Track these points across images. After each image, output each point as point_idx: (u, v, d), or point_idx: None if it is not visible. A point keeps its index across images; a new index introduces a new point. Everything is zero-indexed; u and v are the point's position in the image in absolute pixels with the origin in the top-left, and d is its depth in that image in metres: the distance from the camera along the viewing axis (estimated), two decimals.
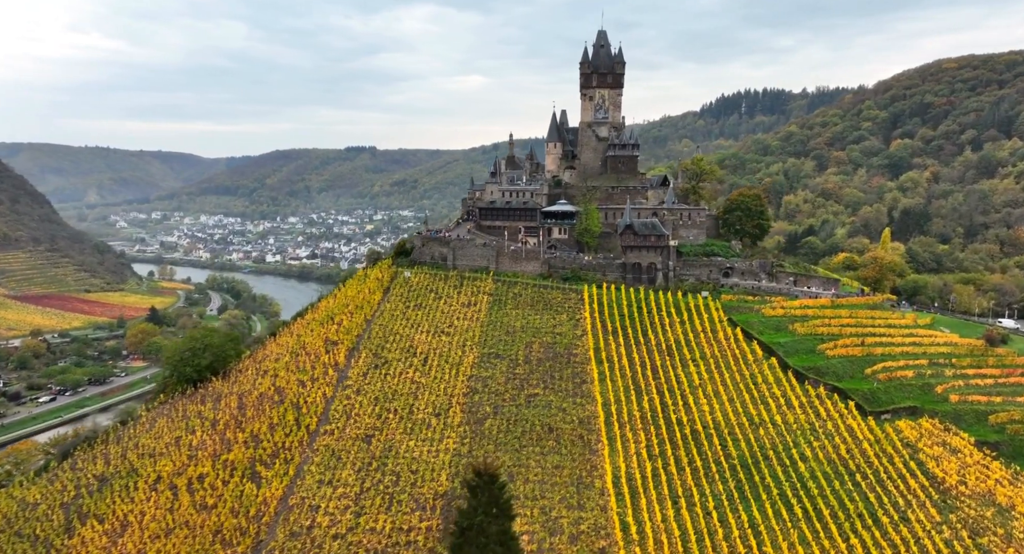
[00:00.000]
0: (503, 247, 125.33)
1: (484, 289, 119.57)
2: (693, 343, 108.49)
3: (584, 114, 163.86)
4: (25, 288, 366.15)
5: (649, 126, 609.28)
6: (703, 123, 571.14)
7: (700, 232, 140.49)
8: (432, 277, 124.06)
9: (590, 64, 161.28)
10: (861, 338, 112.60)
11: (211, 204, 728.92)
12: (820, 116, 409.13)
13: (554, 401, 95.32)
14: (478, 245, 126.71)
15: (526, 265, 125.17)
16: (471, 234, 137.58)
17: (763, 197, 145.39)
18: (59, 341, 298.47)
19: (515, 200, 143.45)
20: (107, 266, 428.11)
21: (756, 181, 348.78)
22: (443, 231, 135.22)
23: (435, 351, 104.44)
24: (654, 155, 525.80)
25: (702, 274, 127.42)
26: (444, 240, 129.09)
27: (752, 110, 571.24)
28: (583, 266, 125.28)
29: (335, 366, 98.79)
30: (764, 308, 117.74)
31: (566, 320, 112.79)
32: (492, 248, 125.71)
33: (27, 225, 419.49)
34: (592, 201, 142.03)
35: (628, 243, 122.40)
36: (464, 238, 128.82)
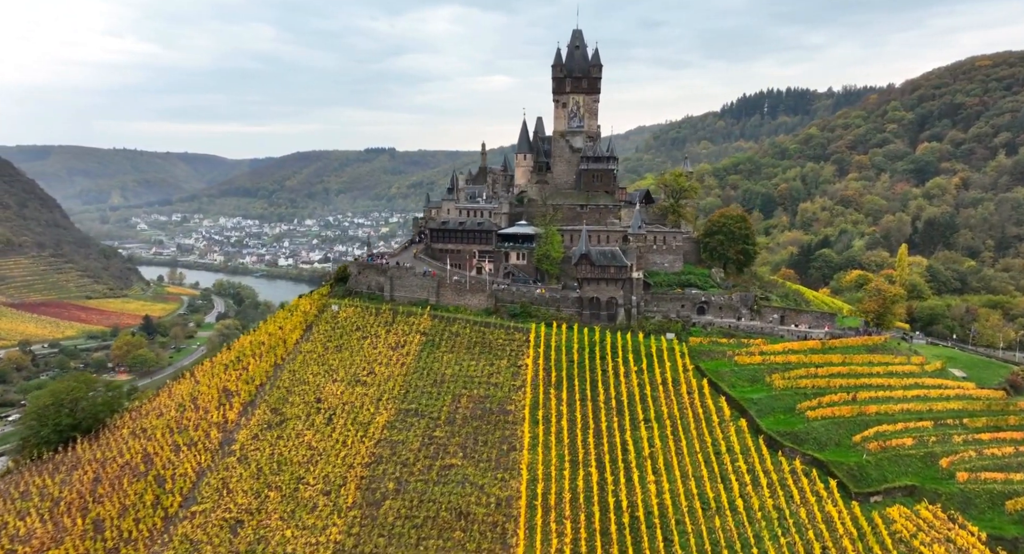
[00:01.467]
0: (445, 278, 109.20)
1: (418, 327, 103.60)
2: (649, 399, 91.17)
3: (557, 122, 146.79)
4: (25, 295, 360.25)
5: (668, 127, 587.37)
6: (723, 124, 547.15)
7: (676, 258, 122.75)
8: (363, 311, 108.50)
9: (563, 67, 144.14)
10: (853, 392, 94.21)
11: (231, 206, 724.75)
12: (842, 118, 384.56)
13: (472, 475, 79.06)
14: (417, 274, 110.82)
15: (471, 298, 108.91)
16: (418, 259, 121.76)
17: (748, 219, 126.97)
18: (47, 352, 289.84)
19: (470, 221, 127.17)
20: (112, 271, 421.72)
21: (772, 187, 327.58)
22: (384, 256, 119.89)
23: (345, 406, 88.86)
24: (671, 157, 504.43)
25: (672, 310, 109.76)
26: (381, 268, 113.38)
27: (775, 110, 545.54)
28: (535, 300, 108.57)
29: (222, 425, 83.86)
30: (739, 354, 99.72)
31: (505, 367, 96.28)
32: (433, 278, 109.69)
33: (33, 230, 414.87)
34: (556, 221, 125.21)
35: (584, 275, 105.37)
36: (403, 266, 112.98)
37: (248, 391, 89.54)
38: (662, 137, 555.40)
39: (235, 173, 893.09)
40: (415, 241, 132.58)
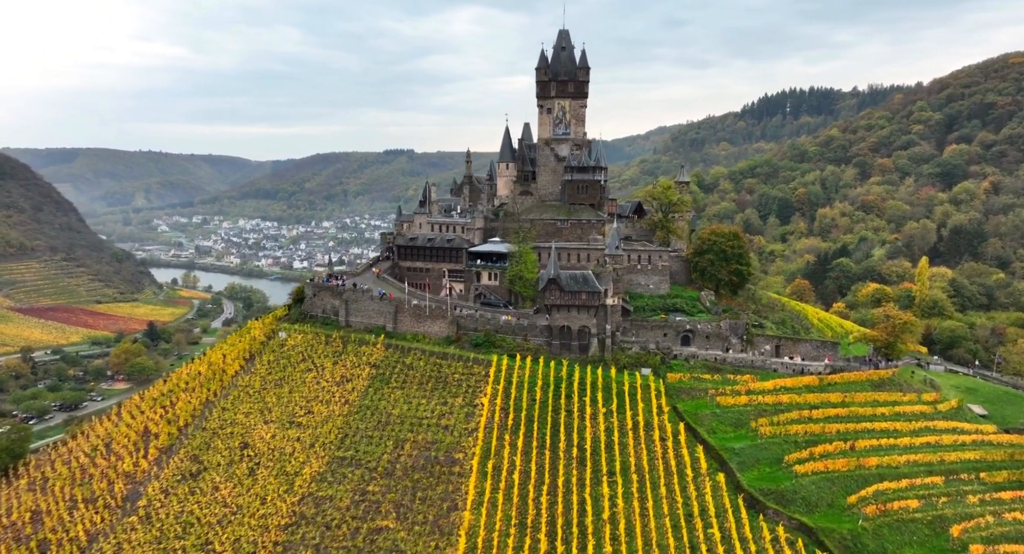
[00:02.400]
0: (403, 302, 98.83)
1: (369, 358, 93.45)
2: (617, 446, 79.94)
3: (541, 129, 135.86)
4: (34, 299, 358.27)
5: (687, 128, 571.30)
6: (743, 125, 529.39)
7: (662, 280, 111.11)
8: (314, 339, 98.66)
9: (548, 69, 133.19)
10: (851, 440, 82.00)
11: (250, 208, 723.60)
12: (865, 119, 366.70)
13: (404, 541, 68.64)
14: (374, 298, 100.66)
15: (431, 325, 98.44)
16: (381, 279, 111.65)
17: (742, 236, 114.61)
18: (48, 358, 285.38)
19: (439, 237, 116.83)
20: (123, 275, 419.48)
21: (789, 191, 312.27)
22: (342, 277, 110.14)
23: (274, 453, 79.06)
24: (689, 159, 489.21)
25: (653, 339, 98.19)
26: (336, 290, 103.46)
27: (797, 111, 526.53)
28: (500, 328, 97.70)
29: (131, 476, 74.56)
30: (722, 394, 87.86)
31: (460, 407, 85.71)
32: (390, 302, 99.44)
33: (47, 234, 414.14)
34: (531, 238, 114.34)
35: (553, 301, 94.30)
36: (360, 288, 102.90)
37: (169, 433, 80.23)
38: (680, 138, 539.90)
39: (257, 175, 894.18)
40: (383, 258, 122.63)
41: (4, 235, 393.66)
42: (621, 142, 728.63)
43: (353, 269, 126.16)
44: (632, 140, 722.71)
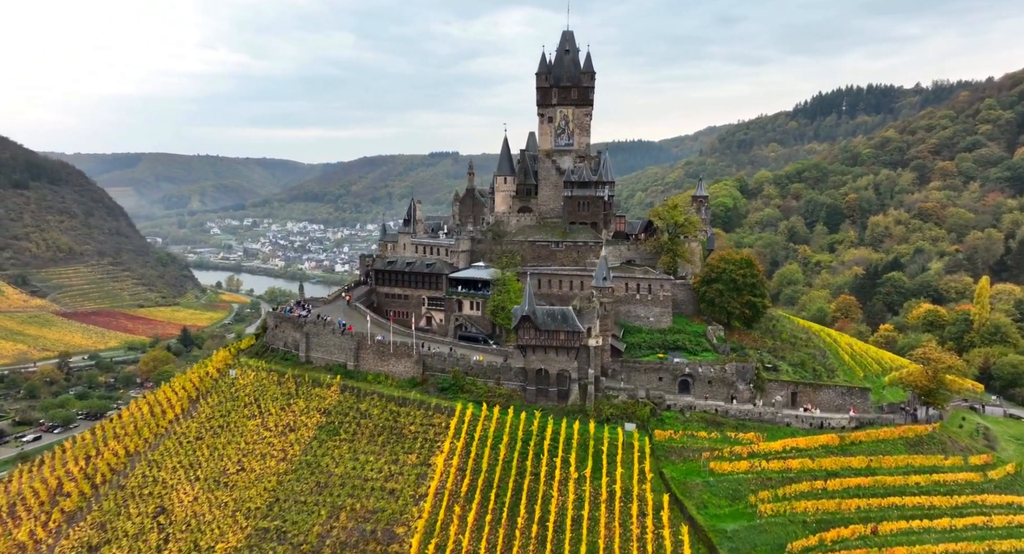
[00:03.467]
0: (365, 337, 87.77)
1: (322, 403, 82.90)
2: (586, 523, 66.97)
3: (542, 140, 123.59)
4: (79, 304, 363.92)
5: (735, 128, 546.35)
6: (795, 125, 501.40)
7: (664, 312, 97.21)
8: (267, 377, 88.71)
9: (549, 75, 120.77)
10: (874, 521, 67.17)
11: (299, 210, 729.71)
12: (926, 118, 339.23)
13: None
14: (336, 332, 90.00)
15: (395, 364, 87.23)
16: (352, 307, 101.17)
17: (756, 263, 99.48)
18: (84, 364, 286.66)
19: (419, 261, 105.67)
20: (167, 279, 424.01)
21: (839, 197, 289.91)
22: (308, 306, 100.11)
23: (192, 521, 69.15)
24: (736, 161, 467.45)
25: (644, 385, 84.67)
26: (298, 322, 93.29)
27: (853, 109, 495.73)
28: (471, 369, 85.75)
29: (22, 549, 65.68)
30: (718, 458, 73.80)
31: (412, 466, 74.23)
32: (352, 336, 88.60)
33: (96, 238, 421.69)
34: (515, 264, 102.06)
35: (528, 341, 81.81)
36: (323, 320, 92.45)
37: (82, 492, 71.33)
38: (728, 139, 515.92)
39: (307, 178, 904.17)
40: (361, 282, 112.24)
41: (55, 240, 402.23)
42: (669, 143, 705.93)
43: (324, 297, 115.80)
44: (680, 141, 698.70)
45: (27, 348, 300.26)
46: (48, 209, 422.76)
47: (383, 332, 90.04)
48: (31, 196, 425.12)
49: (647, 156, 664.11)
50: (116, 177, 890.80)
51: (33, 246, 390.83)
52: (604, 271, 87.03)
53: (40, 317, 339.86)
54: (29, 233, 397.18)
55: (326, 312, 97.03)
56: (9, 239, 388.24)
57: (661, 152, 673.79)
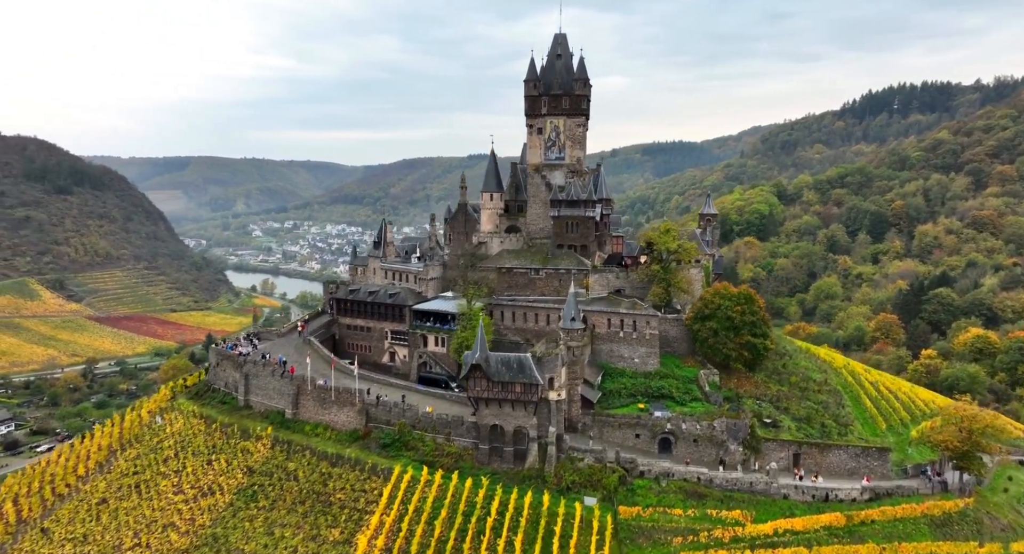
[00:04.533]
0: (305, 383, 77.82)
1: (248, 460, 73.23)
2: None
3: (531, 153, 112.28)
4: (113, 308, 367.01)
5: (778, 128, 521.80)
6: (843, 125, 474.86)
7: (650, 353, 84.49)
8: (196, 425, 79.52)
9: (538, 82, 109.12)
10: None
11: (338, 213, 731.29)
12: (984, 118, 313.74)
13: None
14: (276, 375, 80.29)
15: (336, 413, 77.01)
16: (307, 342, 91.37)
17: (757, 298, 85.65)
18: (109, 370, 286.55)
19: (383, 290, 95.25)
20: (200, 283, 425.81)
21: (885, 204, 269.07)
22: (254, 340, 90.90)
23: None
24: (778, 163, 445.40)
25: (617, 444, 72.48)
26: (237, 360, 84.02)
27: (906, 108, 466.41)
28: (419, 422, 74.91)
29: None
30: (691, 548, 61.11)
31: (333, 544, 63.60)
32: (291, 379, 78.73)
33: (133, 243, 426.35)
34: (484, 293, 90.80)
35: (480, 394, 70.53)
36: (266, 359, 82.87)
37: None
38: (770, 140, 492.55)
39: (349, 180, 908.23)
40: (323, 312, 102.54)
41: (94, 245, 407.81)
42: (711, 143, 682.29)
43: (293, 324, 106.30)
44: (722, 141, 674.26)
45: (57, 353, 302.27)
46: (89, 214, 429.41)
47: (336, 372, 79.89)
48: (74, 201, 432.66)
49: (688, 157, 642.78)
50: (167, 180, 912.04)
51: (72, 251, 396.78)
52: (572, 309, 75.06)
53: (73, 322, 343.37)
54: (69, 238, 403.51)
55: (275, 348, 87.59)
56: (50, 244, 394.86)
57: (702, 153, 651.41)
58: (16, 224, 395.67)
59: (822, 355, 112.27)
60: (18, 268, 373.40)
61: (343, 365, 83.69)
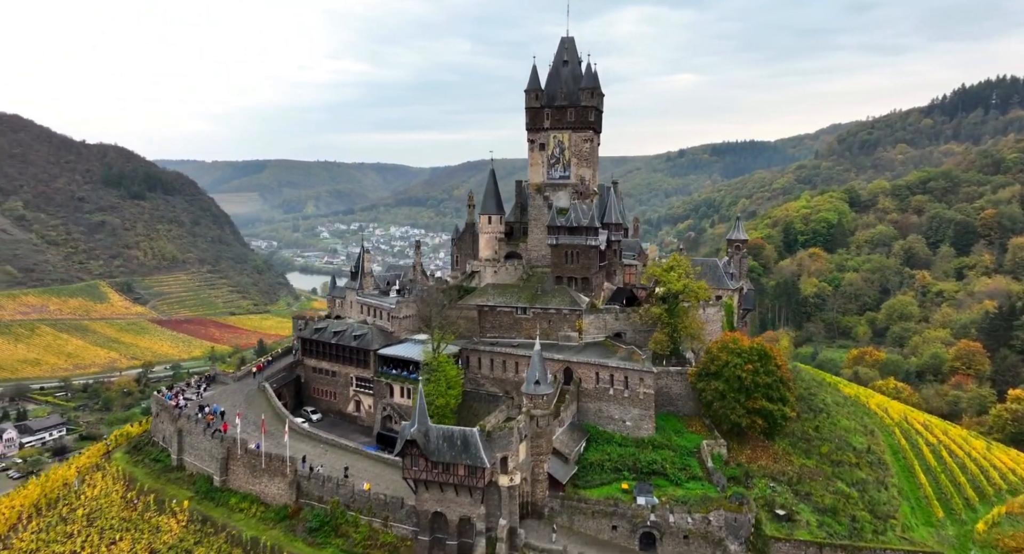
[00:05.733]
0: (235, 445, 67.63)
1: (156, 541, 63.46)
2: None
3: (533, 172, 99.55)
4: (175, 311, 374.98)
5: (857, 127, 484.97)
6: (930, 122, 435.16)
7: (644, 416, 70.17)
8: (118, 490, 70.37)
9: (541, 92, 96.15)
10: None
11: (403, 215, 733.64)
12: None
13: None
14: (207, 433, 70.50)
15: (267, 484, 66.48)
16: (260, 388, 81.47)
17: (775, 354, 69.53)
18: (164, 374, 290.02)
19: (348, 330, 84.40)
20: (261, 286, 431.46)
21: (973, 212, 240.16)
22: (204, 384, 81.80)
23: None
24: (856, 165, 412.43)
25: (588, 538, 58.92)
26: (174, 413, 74.76)
27: (1005, 104, 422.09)
28: (354, 501, 63.37)
29: None
30: None
31: None
32: (223, 438, 68.79)
33: (199, 246, 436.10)
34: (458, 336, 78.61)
35: (418, 474, 58.54)
36: (204, 413, 73.42)
37: None
38: (848, 140, 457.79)
39: (415, 181, 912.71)
40: (289, 351, 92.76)
41: (161, 248, 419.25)
42: (785, 143, 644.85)
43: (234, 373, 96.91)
44: (798, 140, 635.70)
45: (118, 356, 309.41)
46: (160, 218, 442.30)
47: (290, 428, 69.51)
48: (146, 206, 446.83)
49: (759, 158, 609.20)
50: (245, 183, 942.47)
51: (141, 254, 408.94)
52: (537, 370, 61.86)
53: (137, 324, 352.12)
54: (139, 242, 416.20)
55: (223, 396, 78.23)
56: (121, 248, 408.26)
57: (775, 153, 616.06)
58: (92, 228, 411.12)
59: (873, 407, 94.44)
60: (91, 271, 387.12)
61: (295, 422, 73.35)
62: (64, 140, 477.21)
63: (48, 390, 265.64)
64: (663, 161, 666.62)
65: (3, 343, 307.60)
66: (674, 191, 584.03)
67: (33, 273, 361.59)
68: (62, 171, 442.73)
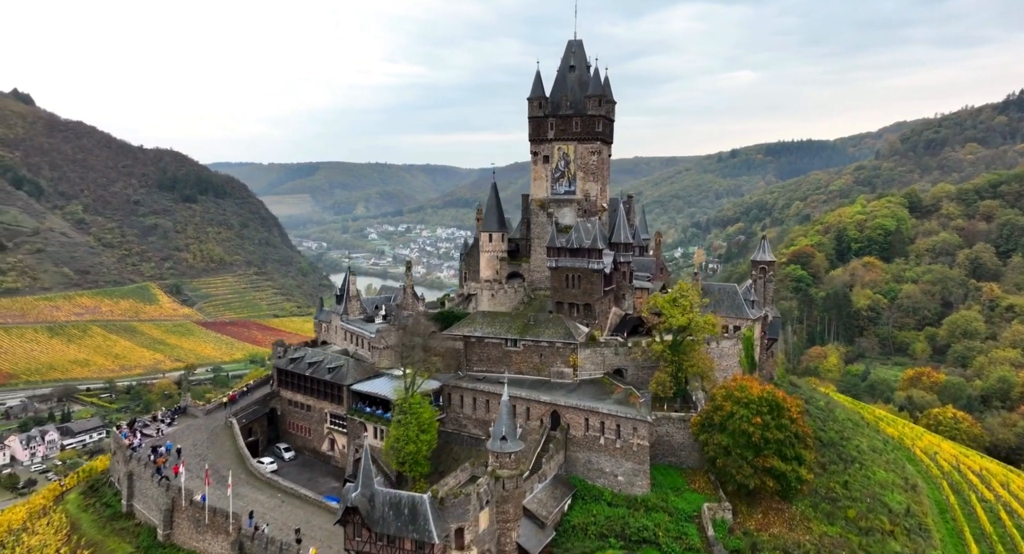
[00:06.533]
0: (179, 495, 61.47)
1: None
2: None
3: (536, 186, 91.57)
4: (220, 313, 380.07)
5: (923, 125, 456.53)
6: (1005, 119, 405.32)
7: (638, 471, 61.07)
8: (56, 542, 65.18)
9: (545, 100, 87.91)
10: None
11: (449, 216, 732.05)
12: None
13: None
14: (155, 481, 64.58)
15: (211, 541, 59.87)
16: (228, 423, 75.51)
17: (790, 404, 59.10)
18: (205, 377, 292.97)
19: (324, 362, 77.68)
20: (305, 289, 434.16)
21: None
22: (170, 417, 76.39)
23: None
24: (920, 166, 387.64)
25: None
26: (127, 453, 69.24)
27: None
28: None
29: None
30: None
31: None
32: (167, 490, 62.77)
33: (246, 249, 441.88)
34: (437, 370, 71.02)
35: (360, 546, 51.04)
36: (146, 458, 67.44)
37: None
38: (913, 139, 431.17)
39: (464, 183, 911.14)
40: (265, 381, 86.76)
41: (210, 251, 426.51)
42: (845, 142, 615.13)
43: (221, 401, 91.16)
44: (860, 139, 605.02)
45: (163, 358, 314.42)
46: (210, 221, 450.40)
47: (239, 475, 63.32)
48: (197, 209, 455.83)
49: (816, 158, 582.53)
50: (298, 185, 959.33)
51: (190, 257, 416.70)
52: (505, 424, 53.61)
53: (183, 326, 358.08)
54: (189, 244, 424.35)
55: (187, 433, 72.58)
56: (172, 250, 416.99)
57: (834, 153, 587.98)
58: (146, 231, 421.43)
59: (918, 453, 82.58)
60: (143, 273, 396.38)
61: (254, 467, 67.02)
62: (123, 145, 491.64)
63: (94, 391, 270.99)
64: (714, 161, 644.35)
65: (57, 344, 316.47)
66: (725, 192, 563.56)
67: (88, 275, 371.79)
68: (119, 175, 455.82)
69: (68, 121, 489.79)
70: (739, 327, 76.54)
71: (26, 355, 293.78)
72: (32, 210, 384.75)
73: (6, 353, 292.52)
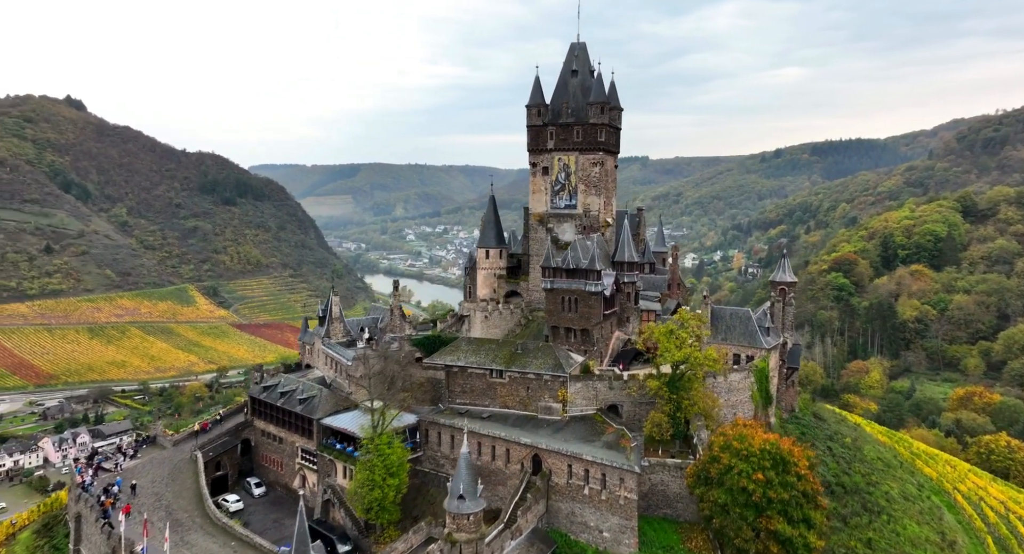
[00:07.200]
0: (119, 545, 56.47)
1: None
2: None
3: (534, 200, 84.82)
4: (255, 315, 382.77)
5: (981, 122, 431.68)
6: None
7: (626, 527, 53.74)
8: None
9: (544, 107, 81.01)
10: None
11: None
12: None
13: None
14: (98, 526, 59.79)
15: None
16: (193, 456, 70.67)
17: (799, 457, 50.65)
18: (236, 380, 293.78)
19: (296, 392, 72.16)
20: (339, 290, 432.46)
21: None
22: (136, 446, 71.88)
23: None
24: (977, 165, 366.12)
25: None
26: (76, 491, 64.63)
27: None
28: None
29: None
30: None
31: None
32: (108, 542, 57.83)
33: (283, 251, 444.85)
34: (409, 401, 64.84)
35: None
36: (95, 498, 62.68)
37: None
38: (971, 137, 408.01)
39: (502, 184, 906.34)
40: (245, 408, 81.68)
41: (247, 253, 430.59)
42: (897, 140, 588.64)
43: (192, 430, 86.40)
44: (913, 138, 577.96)
45: (197, 360, 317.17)
46: (248, 224, 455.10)
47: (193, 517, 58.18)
48: (236, 212, 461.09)
49: (865, 157, 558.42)
50: (339, 186, 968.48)
51: (228, 259, 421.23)
52: (462, 482, 47.01)
53: (219, 328, 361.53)
54: (227, 246, 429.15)
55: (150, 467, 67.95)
56: (210, 252, 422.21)
57: (884, 152, 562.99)
58: (186, 233, 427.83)
59: (959, 499, 72.87)
60: (182, 275, 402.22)
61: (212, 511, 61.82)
62: (167, 149, 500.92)
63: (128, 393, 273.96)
64: (757, 161, 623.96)
65: (96, 345, 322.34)
66: (768, 193, 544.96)
67: (129, 277, 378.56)
68: (163, 178, 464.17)
69: (116, 126, 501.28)
70: (752, 357, 68.36)
71: (67, 356, 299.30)
72: (79, 213, 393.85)
73: (48, 354, 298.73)
